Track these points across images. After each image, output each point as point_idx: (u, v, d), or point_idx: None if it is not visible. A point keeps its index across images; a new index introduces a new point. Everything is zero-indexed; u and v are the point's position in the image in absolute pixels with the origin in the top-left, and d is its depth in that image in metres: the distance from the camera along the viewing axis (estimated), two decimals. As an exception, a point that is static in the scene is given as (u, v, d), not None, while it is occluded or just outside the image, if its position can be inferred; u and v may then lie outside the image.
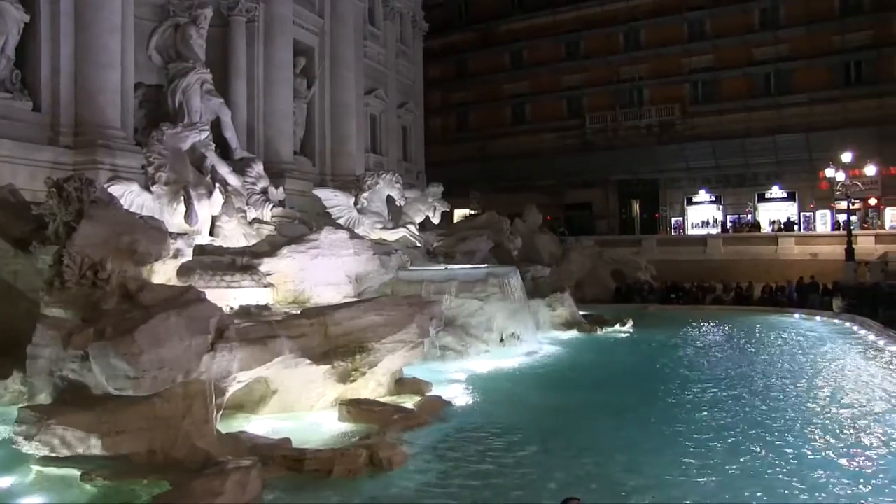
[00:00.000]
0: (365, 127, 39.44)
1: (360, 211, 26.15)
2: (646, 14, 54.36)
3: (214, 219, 20.58)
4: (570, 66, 57.63)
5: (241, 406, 13.46)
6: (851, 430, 13.09)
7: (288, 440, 11.44)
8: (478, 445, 12.12)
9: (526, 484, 10.28)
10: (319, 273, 18.95)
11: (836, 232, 44.61)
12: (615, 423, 13.59)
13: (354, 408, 13.56)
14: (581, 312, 28.82)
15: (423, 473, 10.71)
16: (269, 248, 19.30)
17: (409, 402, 14.72)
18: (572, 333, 26.49)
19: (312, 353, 13.49)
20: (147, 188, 19.15)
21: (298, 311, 15.14)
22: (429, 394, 15.43)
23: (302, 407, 13.75)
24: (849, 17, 48.20)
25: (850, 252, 38.74)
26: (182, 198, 19.22)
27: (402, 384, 15.68)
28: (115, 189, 17.13)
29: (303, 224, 24.89)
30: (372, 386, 14.75)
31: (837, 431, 13.02)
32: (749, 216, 52.60)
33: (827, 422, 13.75)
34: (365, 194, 26.39)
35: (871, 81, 47.71)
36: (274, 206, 24.68)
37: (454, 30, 60.20)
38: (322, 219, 25.23)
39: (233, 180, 22.33)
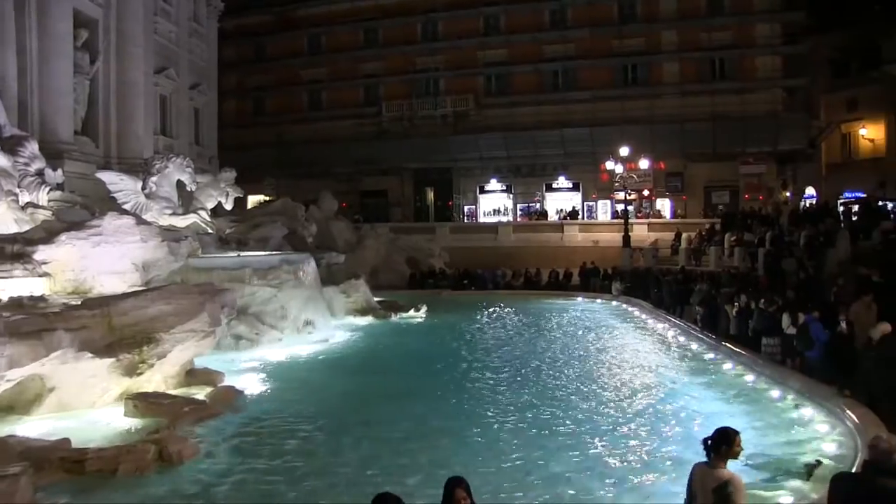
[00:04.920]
0: (154, 108, 37.47)
1: (147, 196, 25.05)
2: (443, 6, 55.45)
3: (-20, 202, 18.92)
4: (368, 54, 57.75)
5: (11, 407, 12.53)
6: (623, 399, 14.39)
7: (67, 440, 10.75)
8: (272, 434, 12.07)
9: (320, 470, 10.35)
10: (103, 261, 18.03)
11: (615, 220, 47.89)
12: (407, 405, 13.98)
13: (142, 402, 13.03)
14: (376, 299, 29.32)
15: (215, 466, 10.52)
16: (46, 234, 18.10)
17: (201, 393, 14.42)
18: (367, 319, 26.90)
19: (95, 346, 12.84)
20: None
21: (79, 302, 14.33)
22: (221, 384, 15.16)
23: (83, 404, 13.00)
24: (626, 24, 51.84)
25: (626, 239, 41.85)
26: (-62, 178, 17.53)
27: (193, 375, 15.29)
28: None
29: (84, 209, 23.38)
30: (161, 378, 14.28)
31: (609, 400, 14.32)
32: (537, 205, 55.29)
33: (601, 392, 15.07)
34: (153, 178, 25.31)
35: (645, 83, 51.64)
36: (51, 189, 23.08)
37: (251, 11, 58.41)
38: (106, 204, 23.85)
39: (1, 160, 20.58)
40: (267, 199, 44.41)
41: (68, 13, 29.42)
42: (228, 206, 29.79)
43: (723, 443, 6.25)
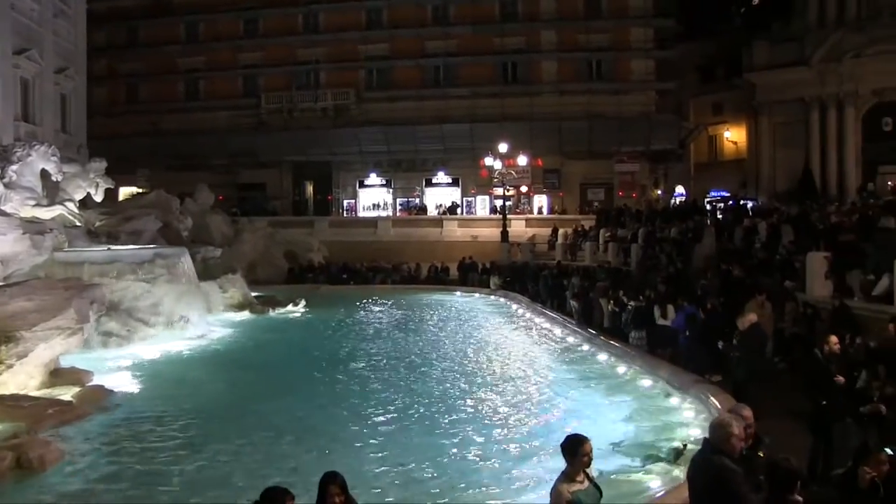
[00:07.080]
0: (14, 92, 35.25)
1: (7, 185, 23.67)
2: (326, -2, 55.03)
3: None
4: (247, 44, 56.34)
5: None
6: (498, 392, 14.69)
7: None
8: (143, 436, 11.66)
9: (190, 471, 10.05)
10: (-44, 255, 16.95)
11: (494, 216, 48.56)
12: (282, 401, 13.80)
13: (-1, 405, 12.32)
14: (254, 293, 28.92)
15: (80, 471, 10.05)
16: None
17: (67, 393, 13.80)
18: (244, 315, 26.51)
19: (-54, 345, 12.05)
20: None
21: (-72, 299, 13.43)
22: (90, 383, 14.57)
23: (-69, 408, 12.18)
24: (507, 22, 52.68)
25: (505, 234, 42.64)
26: None
27: (58, 375, 14.62)
28: None
29: (-66, 200, 21.90)
30: (22, 379, 13.59)
31: (485, 393, 14.63)
32: (417, 200, 55.53)
33: (477, 385, 15.39)
34: (14, 167, 23.94)
35: (524, 82, 52.64)
36: None
37: (124, -7, 56.15)
38: (-40, 194, 22.41)
39: None
40: (140, 191, 42.77)
41: None
42: (98, 198, 28.52)
43: (565, 452, 6.08)
